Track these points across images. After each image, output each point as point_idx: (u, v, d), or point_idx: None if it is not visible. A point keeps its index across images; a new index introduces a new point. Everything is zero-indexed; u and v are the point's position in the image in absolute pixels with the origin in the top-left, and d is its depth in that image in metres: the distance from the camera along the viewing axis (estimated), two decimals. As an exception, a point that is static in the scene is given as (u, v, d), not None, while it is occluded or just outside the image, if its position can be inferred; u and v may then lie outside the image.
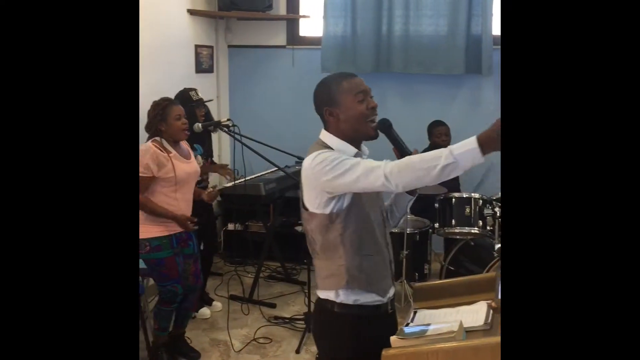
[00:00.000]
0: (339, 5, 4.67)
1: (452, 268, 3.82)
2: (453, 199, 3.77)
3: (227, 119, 3.76)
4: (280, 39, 5.06)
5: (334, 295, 1.80)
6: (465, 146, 1.54)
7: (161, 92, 3.21)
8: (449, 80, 4.71)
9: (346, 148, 1.79)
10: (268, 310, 3.93)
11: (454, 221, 3.75)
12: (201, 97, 3.76)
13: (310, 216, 1.79)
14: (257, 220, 4.78)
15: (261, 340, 3.54)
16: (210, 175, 4.00)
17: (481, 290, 1.99)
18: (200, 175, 3.34)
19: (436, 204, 3.82)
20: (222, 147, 5.05)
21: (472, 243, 3.86)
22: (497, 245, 3.30)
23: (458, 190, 4.08)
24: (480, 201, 3.74)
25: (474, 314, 1.84)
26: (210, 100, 4.07)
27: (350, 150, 1.79)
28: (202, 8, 4.75)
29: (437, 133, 4.20)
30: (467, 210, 3.73)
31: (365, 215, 1.79)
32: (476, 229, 3.72)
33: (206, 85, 4.71)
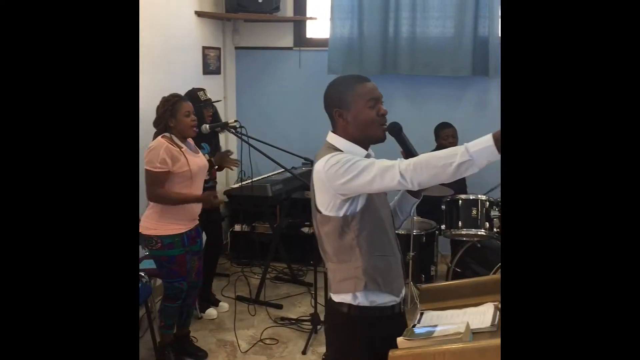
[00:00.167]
0: (345, 7, 4.66)
1: (458, 270, 3.81)
2: (460, 201, 3.76)
3: (234, 120, 3.77)
4: (287, 40, 5.07)
5: (351, 298, 1.79)
6: (481, 144, 1.53)
7: (169, 94, 3.21)
8: (456, 82, 4.70)
9: (356, 150, 1.78)
10: (274, 311, 3.94)
11: (460, 223, 3.73)
12: (209, 97, 3.77)
13: (323, 219, 1.78)
14: (264, 221, 4.79)
15: (267, 341, 3.55)
16: (217, 175, 4.00)
17: (488, 292, 1.99)
18: (207, 174, 3.34)
19: (443, 206, 3.81)
20: (229, 148, 5.02)
21: (479, 245, 3.85)
22: (504, 247, 3.28)
23: (465, 191, 4.07)
24: (487, 203, 3.72)
25: (481, 316, 1.83)
26: (219, 100, 4.06)
27: (359, 152, 1.78)
28: (209, 10, 4.77)
29: (444, 135, 4.19)
30: (474, 212, 3.71)
31: (379, 217, 1.79)
32: (483, 230, 3.70)
33: (213, 86, 4.72)
